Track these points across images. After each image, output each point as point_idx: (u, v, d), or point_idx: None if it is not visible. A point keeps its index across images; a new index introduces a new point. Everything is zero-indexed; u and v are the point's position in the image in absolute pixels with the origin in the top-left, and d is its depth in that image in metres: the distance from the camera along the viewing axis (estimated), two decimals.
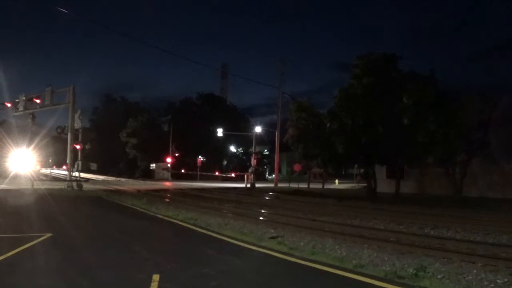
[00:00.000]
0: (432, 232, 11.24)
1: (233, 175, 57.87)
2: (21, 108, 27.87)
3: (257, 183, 39.27)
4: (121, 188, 31.66)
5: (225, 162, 70.50)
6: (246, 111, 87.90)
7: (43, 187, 26.29)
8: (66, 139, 27.66)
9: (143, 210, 15.17)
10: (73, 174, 27.65)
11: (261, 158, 63.72)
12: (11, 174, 35.28)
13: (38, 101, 27.29)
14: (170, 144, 58.05)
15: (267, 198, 25.34)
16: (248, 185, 36.82)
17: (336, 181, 51.49)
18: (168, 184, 43.58)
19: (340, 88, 25.74)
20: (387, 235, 10.35)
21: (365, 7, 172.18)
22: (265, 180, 61.82)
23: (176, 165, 59.50)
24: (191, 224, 11.48)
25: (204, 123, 62.06)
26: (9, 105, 28.78)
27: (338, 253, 7.90)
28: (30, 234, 8.90)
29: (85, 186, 27.06)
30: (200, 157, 58.77)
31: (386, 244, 8.93)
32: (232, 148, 69.84)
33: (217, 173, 59.57)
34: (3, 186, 27.61)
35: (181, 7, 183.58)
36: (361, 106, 24.16)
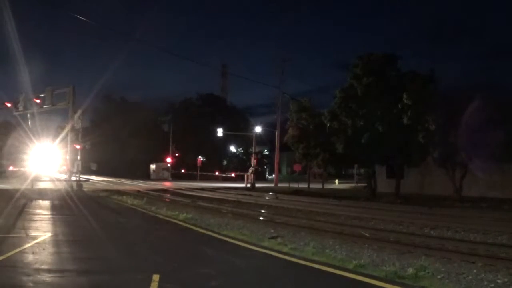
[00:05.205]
0: (432, 232, 11.25)
1: (233, 175, 57.80)
2: (21, 108, 27.82)
3: (257, 183, 39.21)
4: (121, 188, 31.63)
5: (225, 162, 70.45)
6: (246, 111, 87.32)
7: (43, 187, 26.27)
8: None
9: (143, 210, 15.18)
10: (73, 174, 27.64)
11: (261, 158, 63.66)
12: (11, 173, 35.27)
13: (38, 101, 27.27)
14: (170, 144, 58.03)
15: (267, 198, 25.34)
16: (248, 185, 36.77)
17: (336, 181, 51.45)
18: (168, 184, 43.55)
19: (340, 88, 25.77)
20: (387, 235, 10.36)
21: (365, 7, 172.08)
22: (265, 180, 61.73)
23: (176, 165, 59.47)
24: (191, 224, 11.48)
25: (204, 123, 62.00)
26: (9, 105, 28.74)
27: (338, 253, 7.89)
28: (30, 234, 8.90)
29: (85, 186, 27.01)
30: (200, 157, 58.73)
31: (386, 244, 8.94)
32: (232, 148, 69.79)
33: (217, 173, 59.53)
34: (2, 186, 27.60)
35: (181, 7, 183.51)
36: (361, 106, 24.17)
